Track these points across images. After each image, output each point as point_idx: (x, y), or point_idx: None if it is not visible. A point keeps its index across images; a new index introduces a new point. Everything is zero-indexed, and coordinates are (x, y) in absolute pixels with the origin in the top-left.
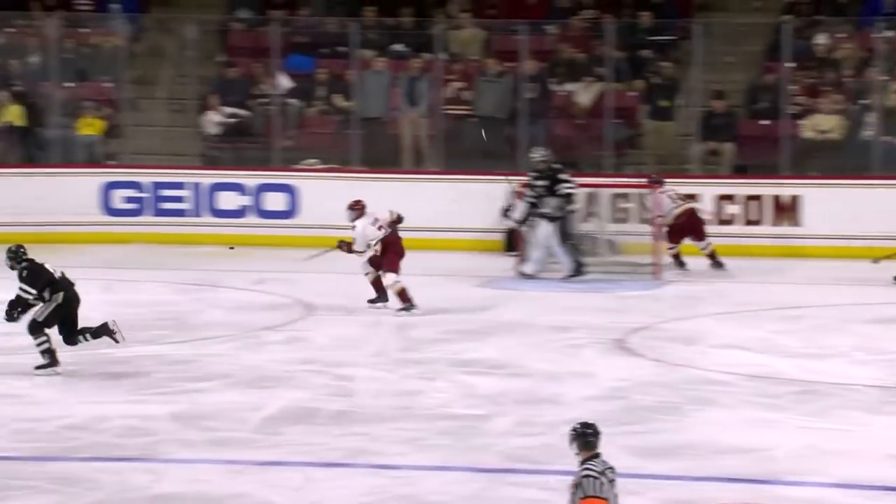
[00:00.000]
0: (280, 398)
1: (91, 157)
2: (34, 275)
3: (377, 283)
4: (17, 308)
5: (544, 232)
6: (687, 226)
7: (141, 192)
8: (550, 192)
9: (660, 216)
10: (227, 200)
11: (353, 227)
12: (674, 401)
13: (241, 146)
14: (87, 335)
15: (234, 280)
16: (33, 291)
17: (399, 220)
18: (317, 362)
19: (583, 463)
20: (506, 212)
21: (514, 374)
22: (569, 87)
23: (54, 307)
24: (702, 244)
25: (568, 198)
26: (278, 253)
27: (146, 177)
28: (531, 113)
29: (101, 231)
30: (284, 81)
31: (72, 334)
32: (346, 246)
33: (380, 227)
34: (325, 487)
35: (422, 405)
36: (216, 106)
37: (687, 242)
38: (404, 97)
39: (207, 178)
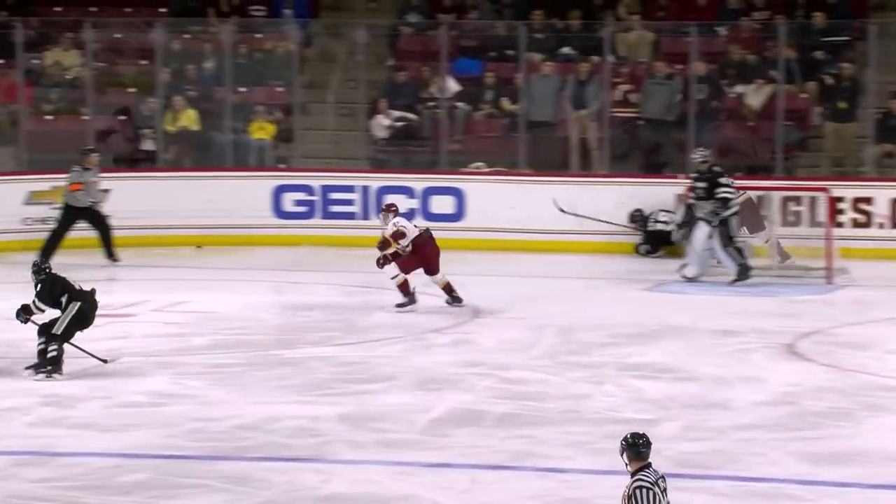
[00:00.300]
0: (447, 400)
1: (262, 161)
2: (45, 292)
3: (404, 287)
4: (27, 314)
5: (701, 235)
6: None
7: (311, 195)
8: (709, 194)
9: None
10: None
11: (394, 226)
12: (846, 407)
13: (409, 149)
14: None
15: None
16: (42, 307)
17: (427, 231)
18: (483, 365)
19: (634, 474)
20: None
21: (683, 379)
22: (739, 89)
23: (71, 318)
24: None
25: (725, 202)
26: (445, 256)
27: (316, 180)
28: (700, 115)
29: (272, 234)
30: (452, 85)
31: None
32: (383, 259)
33: (414, 225)
34: (493, 490)
35: (589, 409)
36: (385, 110)
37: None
38: (572, 100)
39: (375, 181)
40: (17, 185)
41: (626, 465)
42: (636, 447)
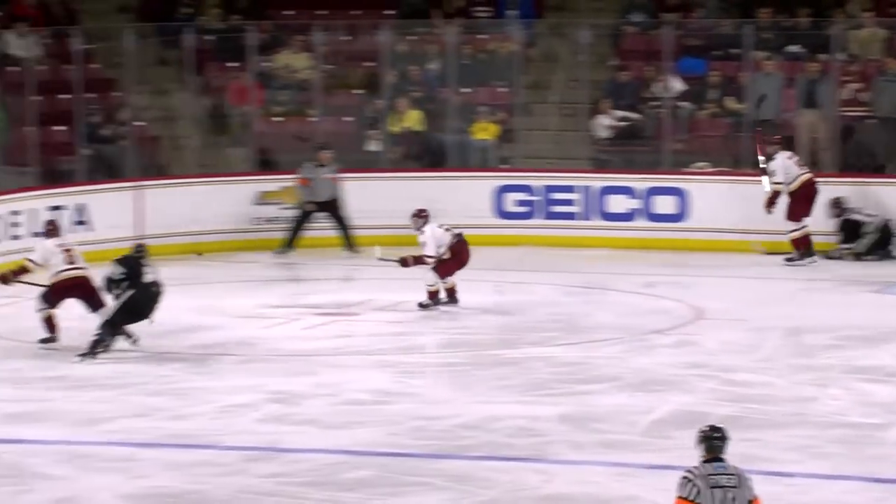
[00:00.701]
0: (669, 402)
1: (485, 161)
2: (123, 264)
3: (450, 291)
4: (113, 285)
5: None
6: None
7: (532, 195)
8: None
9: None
10: (617, 204)
11: (422, 234)
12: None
13: (631, 149)
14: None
15: (622, 283)
16: (115, 273)
17: (459, 235)
18: (706, 367)
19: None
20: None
21: None
22: None
23: (121, 306)
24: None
25: None
26: (668, 257)
27: (537, 180)
28: None
29: (493, 234)
30: (676, 84)
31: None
32: (412, 259)
33: (447, 230)
34: None
35: (816, 412)
36: (607, 109)
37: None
38: (800, 99)
39: (597, 181)
40: (248, 185)
41: (700, 456)
42: (709, 440)
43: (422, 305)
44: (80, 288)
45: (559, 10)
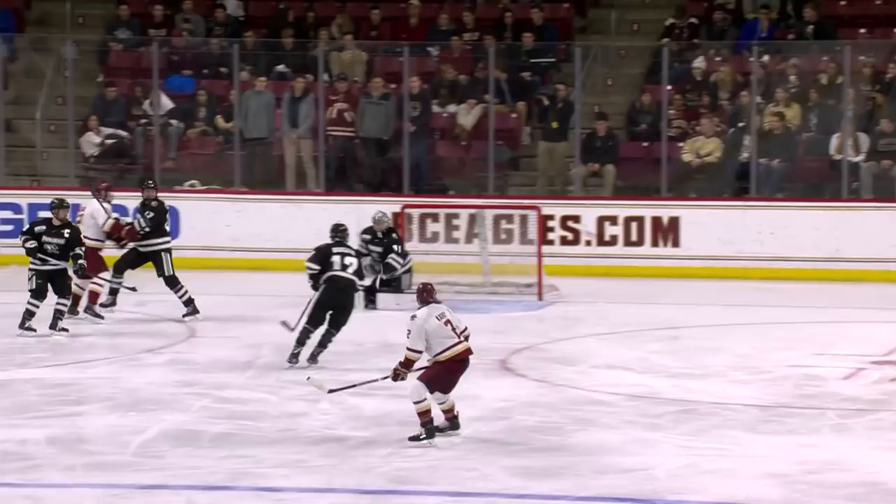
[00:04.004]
0: (161, 421)
1: None
2: (316, 253)
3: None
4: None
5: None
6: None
7: (19, 213)
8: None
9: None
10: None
11: (412, 318)
12: (556, 421)
13: (121, 167)
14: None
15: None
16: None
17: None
18: (199, 384)
19: None
20: None
21: (398, 396)
22: (451, 108)
23: (311, 305)
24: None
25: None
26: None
27: (22, 198)
28: (414, 134)
29: None
30: (165, 102)
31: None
32: (402, 371)
33: (446, 323)
34: None
35: (305, 427)
36: (95, 127)
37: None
38: (286, 118)
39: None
40: None
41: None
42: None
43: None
44: None
45: (41, 25)
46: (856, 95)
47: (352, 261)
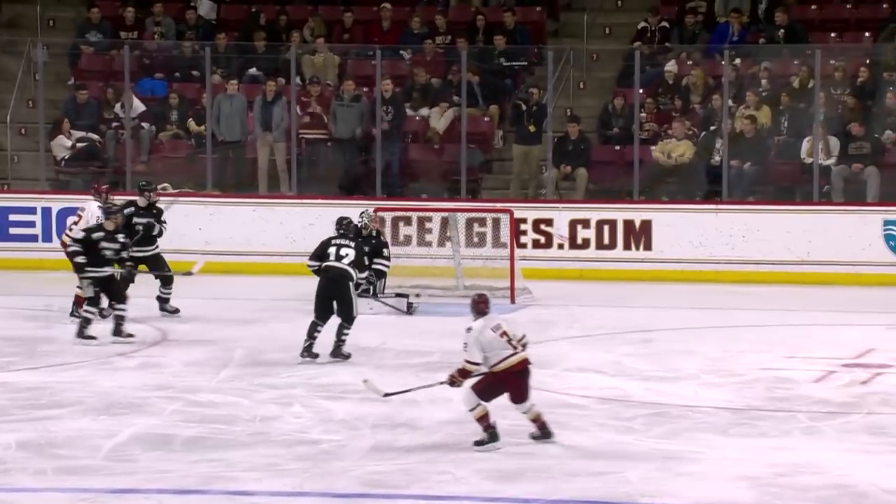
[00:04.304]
0: (133, 424)
1: None
2: (315, 249)
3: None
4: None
5: None
6: None
7: None
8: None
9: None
10: None
11: (468, 331)
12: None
13: (92, 170)
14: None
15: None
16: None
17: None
18: (171, 388)
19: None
20: None
21: (367, 399)
22: (424, 111)
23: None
24: None
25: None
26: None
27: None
28: (386, 137)
29: None
30: (137, 105)
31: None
32: (458, 378)
33: (502, 335)
34: None
35: (278, 430)
36: (66, 130)
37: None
38: (258, 121)
39: (57, 202)
40: None
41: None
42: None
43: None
44: None
45: (12, 27)
46: (826, 99)
47: (348, 252)
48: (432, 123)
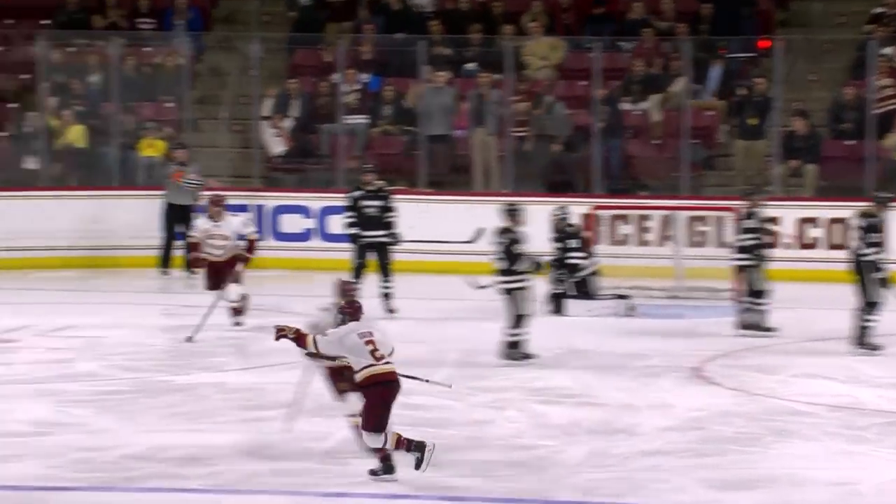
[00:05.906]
0: (343, 427)
1: (152, 179)
2: None
3: None
4: None
5: None
6: None
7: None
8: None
9: None
10: (291, 223)
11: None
12: (754, 432)
13: (305, 167)
14: None
15: (297, 305)
16: None
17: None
18: None
19: None
20: None
21: (586, 404)
22: (643, 105)
23: None
24: None
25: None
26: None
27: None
28: (604, 133)
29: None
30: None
31: None
32: (295, 334)
33: (367, 342)
34: None
35: (492, 435)
36: (280, 126)
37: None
38: (472, 116)
39: (271, 200)
40: None
41: None
42: None
43: None
44: None
45: (228, 23)
46: None
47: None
48: (652, 117)
